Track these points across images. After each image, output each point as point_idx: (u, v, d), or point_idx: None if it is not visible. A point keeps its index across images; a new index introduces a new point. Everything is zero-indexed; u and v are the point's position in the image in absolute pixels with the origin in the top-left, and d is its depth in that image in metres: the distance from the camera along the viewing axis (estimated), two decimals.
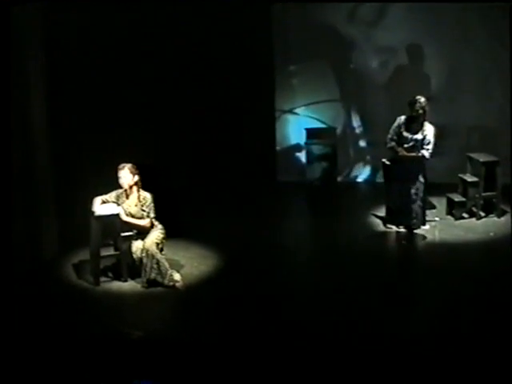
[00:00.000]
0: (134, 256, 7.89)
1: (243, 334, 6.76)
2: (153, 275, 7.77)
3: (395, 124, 9.01)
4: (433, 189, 9.61)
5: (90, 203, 8.01)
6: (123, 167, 8.00)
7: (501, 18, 9.56)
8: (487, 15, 10.73)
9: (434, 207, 10.04)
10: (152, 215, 8.04)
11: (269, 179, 11.41)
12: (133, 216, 8.03)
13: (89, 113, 9.21)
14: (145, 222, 8.01)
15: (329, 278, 8.15)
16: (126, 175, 7.99)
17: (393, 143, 8.99)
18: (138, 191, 8.08)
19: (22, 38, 8.01)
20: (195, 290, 7.86)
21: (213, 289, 7.94)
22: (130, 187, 8.03)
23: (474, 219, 9.68)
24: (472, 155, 9.98)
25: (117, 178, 8.01)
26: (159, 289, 7.77)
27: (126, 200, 8.06)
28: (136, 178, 8.03)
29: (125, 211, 8.01)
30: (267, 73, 11.54)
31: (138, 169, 8.07)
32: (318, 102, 11.81)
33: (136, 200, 8.06)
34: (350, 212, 10.43)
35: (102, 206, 7.99)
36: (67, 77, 8.94)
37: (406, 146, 8.91)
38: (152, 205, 8.05)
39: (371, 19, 11.37)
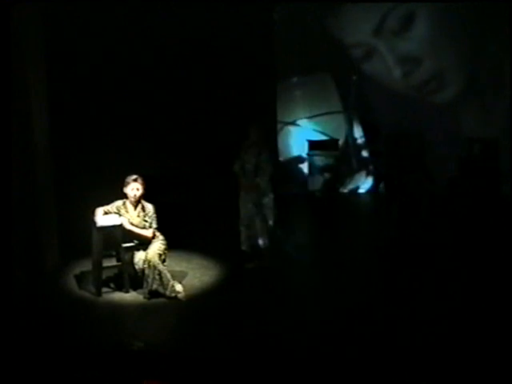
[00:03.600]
0: (136, 267, 7.88)
1: (246, 345, 6.72)
2: (155, 286, 7.76)
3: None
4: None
5: (92, 214, 8.01)
6: (137, 179, 8.01)
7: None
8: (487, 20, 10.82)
9: None
10: (154, 226, 8.05)
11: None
12: (135, 226, 8.03)
13: (90, 118, 9.23)
14: (148, 233, 8.01)
15: (330, 288, 8.14)
16: (140, 187, 8.01)
17: (236, 167, 8.78)
18: (141, 202, 8.08)
19: (22, 38, 7.96)
20: (197, 300, 7.85)
21: (215, 300, 7.92)
22: (137, 198, 8.05)
23: None
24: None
25: (118, 189, 8.01)
26: (161, 300, 7.74)
27: (129, 211, 8.06)
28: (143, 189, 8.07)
29: (127, 221, 8.01)
30: (269, 84, 11.56)
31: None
32: (320, 115, 11.83)
33: (138, 211, 8.06)
34: (351, 223, 10.42)
35: (104, 217, 7.98)
36: (67, 77, 8.95)
37: (247, 169, 8.70)
38: (154, 215, 8.06)
39: (375, 31, 11.43)
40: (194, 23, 10.20)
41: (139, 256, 7.90)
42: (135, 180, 8.00)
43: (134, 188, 8.00)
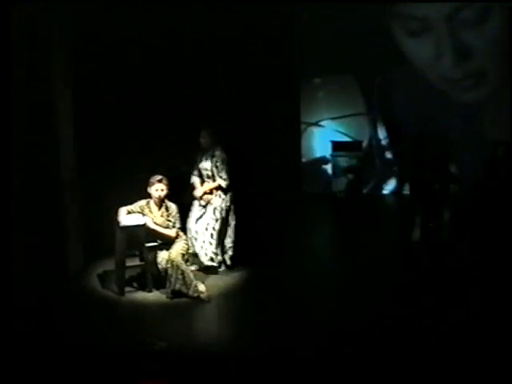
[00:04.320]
0: (159, 266, 7.90)
1: (268, 345, 6.71)
2: (177, 286, 7.77)
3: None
4: None
5: (116, 213, 8.04)
6: (161, 179, 8.03)
7: None
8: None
9: None
10: (178, 225, 8.07)
11: (294, 190, 11.39)
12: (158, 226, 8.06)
13: (113, 118, 9.24)
14: (171, 232, 8.03)
15: (353, 289, 8.10)
16: (164, 187, 8.03)
17: (194, 177, 8.64)
18: (165, 202, 8.10)
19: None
20: (220, 300, 7.85)
21: (238, 300, 7.92)
22: (161, 199, 8.06)
23: None
24: None
25: (142, 189, 8.04)
26: (184, 300, 7.76)
27: (152, 210, 8.07)
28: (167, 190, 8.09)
29: (151, 221, 8.03)
30: (293, 85, 11.55)
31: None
32: (343, 117, 11.80)
33: (162, 210, 8.08)
34: (375, 224, 10.37)
35: (128, 217, 8.00)
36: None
37: (205, 176, 8.57)
38: (178, 215, 8.08)
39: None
40: (216, 24, 10.21)
41: (162, 255, 7.92)
42: (160, 181, 8.02)
43: (158, 189, 8.02)
